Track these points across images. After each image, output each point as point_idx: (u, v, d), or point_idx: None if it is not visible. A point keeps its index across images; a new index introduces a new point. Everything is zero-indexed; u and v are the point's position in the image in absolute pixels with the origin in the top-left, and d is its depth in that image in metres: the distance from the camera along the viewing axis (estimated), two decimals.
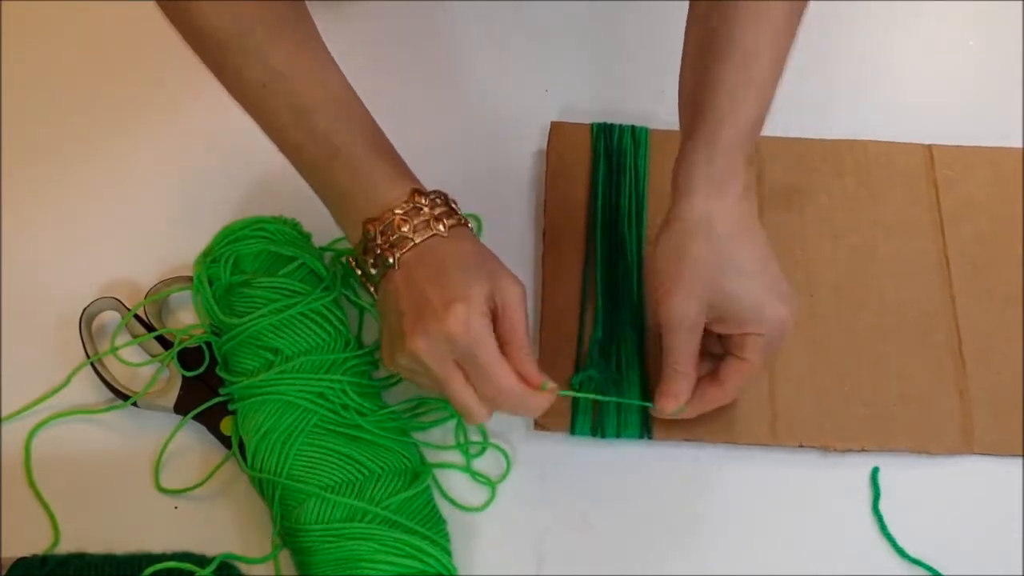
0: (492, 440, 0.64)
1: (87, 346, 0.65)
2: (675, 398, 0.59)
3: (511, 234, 0.72)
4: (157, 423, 0.64)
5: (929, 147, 0.73)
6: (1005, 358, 0.66)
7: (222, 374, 0.63)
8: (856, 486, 0.63)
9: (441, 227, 0.55)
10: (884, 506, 0.62)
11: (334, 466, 0.59)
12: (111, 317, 0.67)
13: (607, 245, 0.69)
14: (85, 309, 0.65)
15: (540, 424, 0.64)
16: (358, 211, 0.56)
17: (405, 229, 0.55)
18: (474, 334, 0.53)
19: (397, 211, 0.55)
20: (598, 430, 0.63)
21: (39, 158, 0.74)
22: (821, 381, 0.65)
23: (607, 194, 0.71)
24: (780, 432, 0.64)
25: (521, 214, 0.73)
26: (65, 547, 0.60)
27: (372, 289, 0.58)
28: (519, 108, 0.77)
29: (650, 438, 0.63)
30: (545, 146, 0.74)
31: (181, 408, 0.63)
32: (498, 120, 0.76)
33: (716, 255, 0.56)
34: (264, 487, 0.60)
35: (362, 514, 0.58)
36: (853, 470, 0.64)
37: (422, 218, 0.55)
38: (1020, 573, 0.61)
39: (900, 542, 0.61)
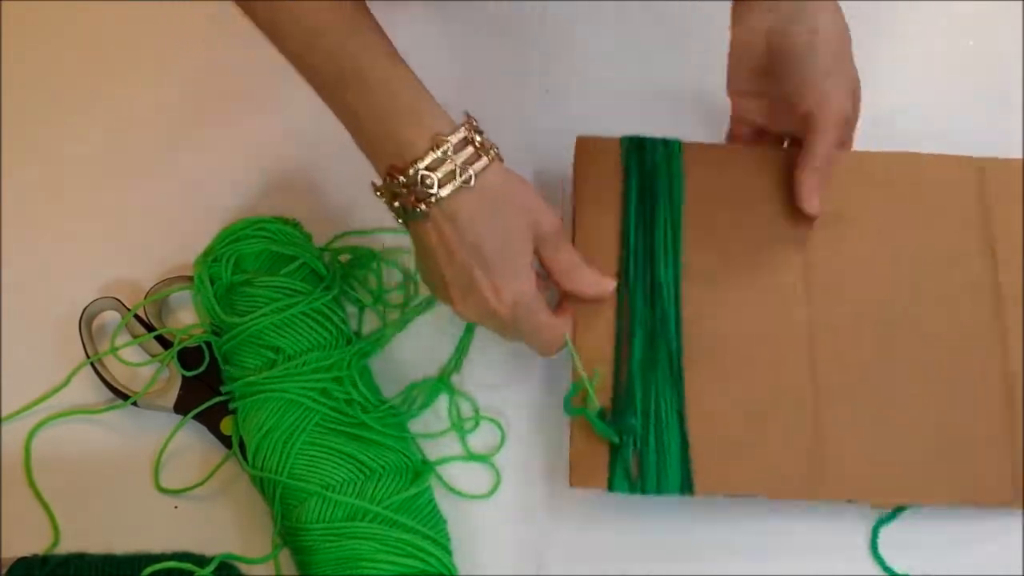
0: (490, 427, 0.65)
1: (87, 346, 0.65)
2: (819, 194, 0.63)
3: None
4: (157, 423, 0.64)
5: (981, 165, 0.67)
6: None
7: (226, 369, 0.63)
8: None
9: (469, 176, 0.54)
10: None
11: (336, 465, 0.59)
12: (111, 317, 0.67)
13: (642, 286, 0.63)
14: (85, 309, 0.65)
15: (577, 481, 0.59)
16: (379, 151, 0.55)
17: (429, 183, 0.53)
18: (521, 313, 0.57)
19: (420, 163, 0.53)
20: (636, 486, 0.59)
21: (39, 158, 0.74)
22: (869, 430, 0.60)
23: (640, 227, 0.64)
24: (827, 485, 0.59)
25: None
26: (65, 547, 0.60)
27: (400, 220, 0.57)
28: (515, 114, 0.75)
29: (691, 493, 0.59)
30: (567, 160, 0.67)
31: (181, 408, 0.63)
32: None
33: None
34: (265, 486, 0.60)
35: (363, 513, 0.58)
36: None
37: (447, 168, 0.53)
38: (1020, 573, 0.61)
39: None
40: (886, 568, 0.61)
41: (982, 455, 0.60)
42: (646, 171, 0.66)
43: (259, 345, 0.62)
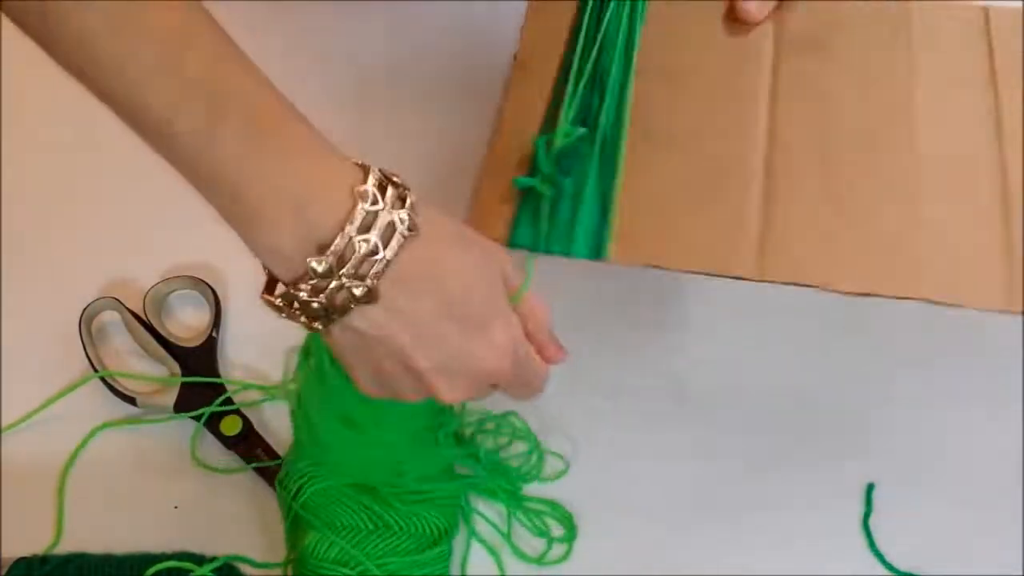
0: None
1: (87, 347, 0.65)
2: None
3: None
4: (156, 423, 0.64)
5: (985, 9, 0.65)
6: None
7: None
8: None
9: (407, 223, 0.41)
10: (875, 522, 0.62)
11: (346, 508, 0.56)
12: (111, 317, 0.67)
13: (588, 73, 0.60)
14: (85, 309, 0.65)
15: (477, 225, 0.52)
16: (275, 228, 0.40)
17: (369, 247, 0.40)
18: (521, 354, 0.47)
19: (350, 226, 0.40)
20: (541, 241, 0.53)
21: (39, 157, 0.74)
22: (831, 224, 0.55)
23: (593, 19, 0.62)
24: (769, 265, 0.53)
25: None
26: (65, 547, 0.60)
27: (317, 324, 0.43)
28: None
29: (603, 257, 0.53)
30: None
31: (181, 408, 0.63)
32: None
33: None
34: (281, 503, 0.59)
35: (354, 563, 0.55)
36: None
37: (383, 221, 0.40)
38: (1020, 573, 0.61)
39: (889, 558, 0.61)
40: (887, 566, 0.61)
41: (970, 260, 0.55)
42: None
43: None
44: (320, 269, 0.40)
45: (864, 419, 0.66)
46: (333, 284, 0.40)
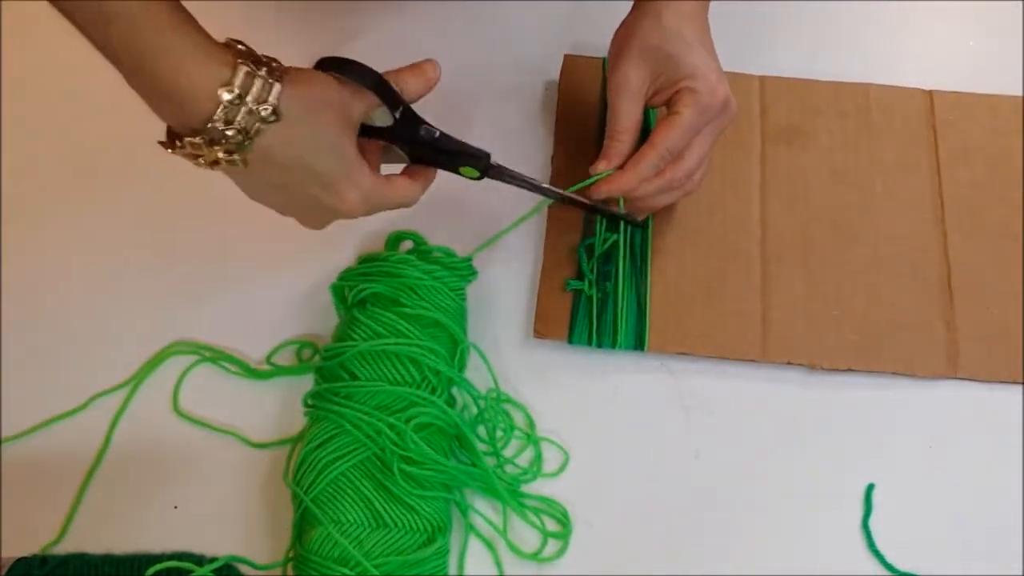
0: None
1: None
2: (608, 160, 0.63)
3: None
4: (154, 425, 0.64)
5: (930, 92, 0.76)
6: (993, 292, 0.68)
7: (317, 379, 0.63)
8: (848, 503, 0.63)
9: (272, 110, 0.50)
10: (874, 522, 0.62)
11: (352, 504, 0.58)
12: None
13: None
14: None
15: (540, 332, 0.67)
16: (162, 107, 0.49)
17: (232, 136, 0.49)
18: (374, 201, 0.57)
19: (215, 120, 0.49)
20: (594, 339, 0.66)
21: (40, 158, 0.74)
22: (814, 306, 0.68)
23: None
24: (770, 349, 0.66)
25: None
26: (65, 547, 0.60)
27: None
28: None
29: (643, 350, 0.66)
30: (557, 76, 0.77)
31: None
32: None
33: (661, 29, 0.61)
34: (294, 498, 0.60)
35: (354, 562, 0.56)
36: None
37: (244, 114, 0.49)
38: (1020, 573, 0.61)
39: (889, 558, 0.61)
40: (887, 566, 0.61)
41: (920, 335, 0.67)
42: None
43: (343, 369, 0.62)
44: (193, 143, 0.50)
45: (864, 419, 0.66)
46: (205, 151, 0.50)
